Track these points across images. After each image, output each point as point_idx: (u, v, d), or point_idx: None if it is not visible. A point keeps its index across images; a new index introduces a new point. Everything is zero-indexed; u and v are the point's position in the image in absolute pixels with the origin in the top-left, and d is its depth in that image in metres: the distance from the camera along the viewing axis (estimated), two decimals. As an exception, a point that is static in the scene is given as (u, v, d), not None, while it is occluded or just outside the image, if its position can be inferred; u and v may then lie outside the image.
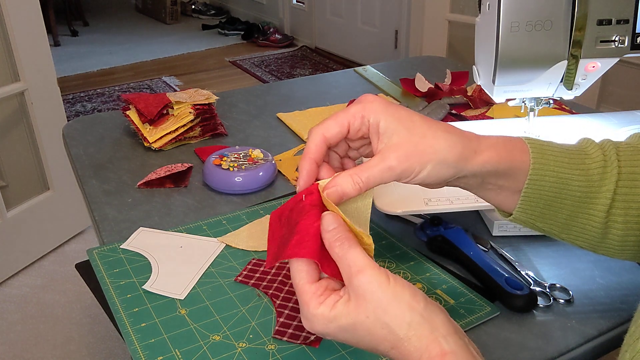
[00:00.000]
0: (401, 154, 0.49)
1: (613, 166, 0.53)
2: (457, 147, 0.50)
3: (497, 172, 0.52)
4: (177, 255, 0.71)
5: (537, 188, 0.53)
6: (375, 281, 0.44)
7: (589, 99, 2.31)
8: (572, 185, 0.53)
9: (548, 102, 0.83)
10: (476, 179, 0.53)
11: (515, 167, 0.52)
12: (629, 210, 0.53)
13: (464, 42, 2.86)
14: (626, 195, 0.53)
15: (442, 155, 0.49)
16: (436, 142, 0.50)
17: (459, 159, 0.50)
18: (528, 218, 0.55)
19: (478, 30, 0.80)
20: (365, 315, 0.44)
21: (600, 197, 0.53)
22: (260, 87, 1.35)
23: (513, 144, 0.53)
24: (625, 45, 0.72)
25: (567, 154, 0.54)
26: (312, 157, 0.51)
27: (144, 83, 3.73)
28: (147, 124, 1.01)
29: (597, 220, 0.53)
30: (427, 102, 1.16)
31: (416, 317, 0.44)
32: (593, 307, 0.63)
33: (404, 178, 0.50)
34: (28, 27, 1.80)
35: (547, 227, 0.55)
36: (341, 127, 0.51)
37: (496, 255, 0.71)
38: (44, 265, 2.01)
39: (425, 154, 0.49)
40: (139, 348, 0.57)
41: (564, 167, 0.53)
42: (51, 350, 1.66)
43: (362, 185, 0.49)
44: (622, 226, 0.53)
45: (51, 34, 4.23)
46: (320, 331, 0.46)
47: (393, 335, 0.44)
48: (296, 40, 4.51)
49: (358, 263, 0.45)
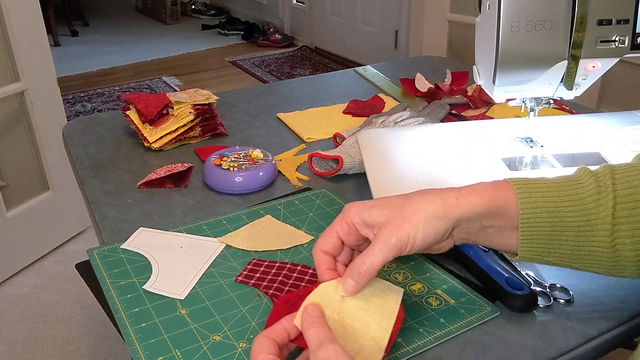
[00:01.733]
0: (391, 227, 0.52)
1: (608, 191, 0.54)
2: (437, 200, 0.53)
3: (489, 213, 0.54)
4: (177, 255, 0.71)
5: (532, 225, 0.54)
6: (337, 355, 0.45)
7: (589, 99, 2.31)
8: (568, 216, 0.54)
9: (548, 102, 0.83)
10: (473, 224, 0.55)
11: (503, 205, 0.54)
12: (635, 231, 0.53)
13: (464, 42, 2.86)
14: (629, 217, 0.53)
15: (427, 212, 0.52)
16: (417, 204, 0.53)
17: (444, 208, 0.53)
18: (533, 255, 0.56)
19: (478, 30, 0.80)
20: None
21: (600, 223, 0.53)
22: (260, 87, 1.35)
23: (494, 185, 0.55)
24: (625, 45, 0.72)
25: (557, 187, 0.55)
26: (324, 267, 0.55)
27: (144, 83, 3.73)
28: (147, 124, 1.01)
29: (602, 246, 0.54)
30: (427, 102, 1.16)
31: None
32: (593, 307, 0.63)
33: (404, 247, 0.52)
34: (28, 27, 1.80)
35: (556, 260, 0.56)
36: (333, 239, 0.55)
37: (496, 255, 0.71)
38: (44, 265, 2.01)
39: (411, 217, 0.52)
40: (139, 348, 0.57)
41: (554, 201, 0.54)
42: (51, 350, 1.66)
43: (364, 276, 0.52)
44: (632, 247, 0.53)
45: (51, 34, 4.23)
46: None
47: None
48: (296, 40, 4.51)
49: (325, 338, 0.47)
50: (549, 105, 0.84)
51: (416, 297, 0.63)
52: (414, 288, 0.65)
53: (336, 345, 0.46)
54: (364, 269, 0.52)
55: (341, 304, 0.53)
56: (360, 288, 0.53)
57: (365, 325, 0.52)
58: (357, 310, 0.53)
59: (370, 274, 0.52)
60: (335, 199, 0.83)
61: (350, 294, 0.53)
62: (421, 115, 1.06)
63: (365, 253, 0.52)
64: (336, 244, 0.56)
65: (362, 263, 0.52)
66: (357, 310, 0.53)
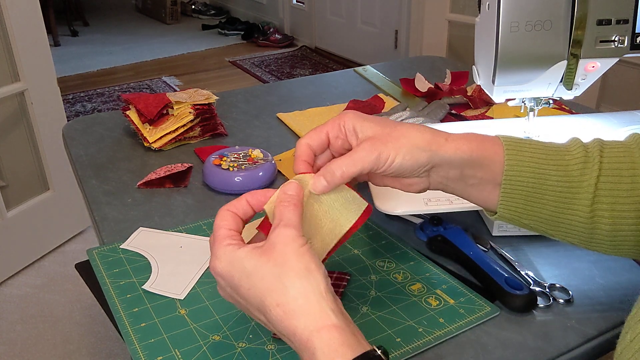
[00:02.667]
0: (376, 142, 0.53)
1: (594, 162, 0.54)
2: (427, 134, 0.54)
3: (473, 162, 0.54)
4: (177, 255, 0.71)
5: (515, 182, 0.54)
6: (290, 237, 0.48)
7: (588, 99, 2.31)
8: (551, 179, 0.54)
9: (548, 102, 0.83)
10: (454, 170, 0.54)
11: (489, 157, 0.54)
12: (615, 206, 0.53)
13: (464, 42, 2.86)
14: (611, 191, 0.53)
15: (414, 140, 0.53)
16: (407, 131, 0.54)
17: (431, 142, 0.53)
18: (512, 215, 0.55)
19: (478, 30, 0.80)
20: (266, 261, 0.47)
21: (582, 192, 0.54)
22: (260, 87, 1.35)
23: (484, 137, 0.55)
24: (625, 45, 0.72)
25: (545, 150, 0.55)
26: (303, 159, 0.55)
27: (144, 83, 3.73)
28: (147, 124, 1.01)
29: (581, 215, 0.54)
30: (427, 102, 1.16)
31: (310, 283, 0.46)
32: (593, 307, 0.63)
33: (381, 164, 0.52)
34: (28, 27, 1.80)
35: (533, 224, 0.56)
36: (322, 136, 0.56)
37: (496, 255, 0.71)
38: (44, 265, 2.01)
39: (398, 139, 0.52)
40: (139, 348, 0.57)
41: (540, 163, 0.54)
42: (51, 350, 1.66)
43: (337, 179, 0.53)
44: (610, 221, 0.54)
45: (51, 34, 4.23)
46: (221, 270, 0.49)
47: (282, 290, 0.46)
48: (296, 40, 4.51)
49: (287, 220, 0.49)
50: (549, 105, 0.84)
51: (416, 297, 0.63)
52: (413, 288, 0.65)
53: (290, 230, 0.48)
54: (339, 172, 0.52)
55: (306, 199, 0.54)
56: (329, 189, 0.53)
57: (319, 226, 0.54)
58: (317, 210, 0.54)
59: (343, 179, 0.53)
60: (335, 199, 0.83)
61: (318, 192, 0.53)
62: (421, 115, 1.06)
63: (344, 158, 0.53)
64: (322, 142, 0.56)
65: (339, 167, 0.52)
66: (317, 211, 0.54)
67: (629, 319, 0.45)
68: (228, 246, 0.49)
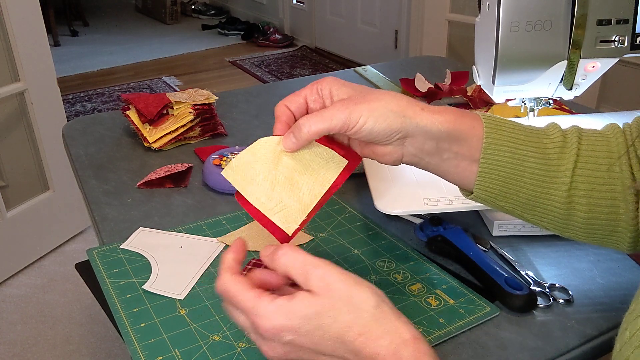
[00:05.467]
0: (349, 102, 0.52)
1: (572, 147, 0.54)
2: (403, 101, 0.53)
3: (449, 134, 0.53)
4: (177, 255, 0.71)
5: (493, 161, 0.53)
6: (335, 271, 0.46)
7: (589, 99, 2.31)
8: (529, 161, 0.53)
9: (548, 102, 0.83)
10: (430, 142, 0.53)
11: (466, 131, 0.53)
12: (592, 192, 0.53)
13: (464, 42, 2.86)
14: (588, 177, 0.53)
15: (388, 105, 0.52)
16: (382, 96, 0.53)
17: (406, 109, 0.52)
18: (489, 196, 0.55)
19: (478, 30, 0.80)
20: (329, 301, 0.44)
21: (560, 177, 0.53)
22: (260, 87, 1.35)
23: (463, 111, 0.55)
24: (625, 45, 0.72)
25: (524, 131, 0.55)
26: (282, 119, 0.55)
27: (144, 83, 3.73)
28: (147, 124, 1.01)
29: (558, 200, 0.54)
30: (427, 102, 1.16)
31: (381, 301, 0.45)
32: (593, 307, 0.63)
33: (352, 125, 0.51)
34: (28, 27, 1.80)
35: (509, 206, 0.56)
36: (300, 99, 0.55)
37: (496, 255, 0.71)
38: (44, 265, 2.01)
39: (372, 102, 0.52)
40: (139, 348, 0.57)
41: (519, 143, 0.54)
42: (51, 350, 1.66)
43: (305, 135, 0.52)
44: (586, 208, 0.54)
45: (51, 34, 4.23)
46: (281, 325, 0.44)
47: (360, 319, 0.44)
48: (296, 40, 4.51)
49: (312, 261, 0.46)
50: (549, 105, 0.84)
51: (416, 297, 0.63)
52: (413, 288, 0.65)
53: (327, 267, 0.46)
54: (307, 129, 0.52)
55: (279, 160, 0.54)
56: (299, 147, 0.53)
57: (296, 187, 0.53)
58: (292, 170, 0.54)
59: (311, 135, 0.52)
60: (334, 199, 0.83)
61: (288, 149, 0.53)
62: (421, 115, 1.05)
63: (314, 115, 0.52)
64: (300, 105, 0.55)
65: (307, 123, 0.52)
66: (291, 171, 0.53)
67: (627, 315, 0.45)
68: (272, 301, 0.45)
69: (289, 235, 0.52)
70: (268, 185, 0.53)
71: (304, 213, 0.53)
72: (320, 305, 0.44)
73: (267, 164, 0.54)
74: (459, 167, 0.55)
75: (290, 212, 0.52)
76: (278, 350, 0.46)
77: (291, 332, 0.44)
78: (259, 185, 0.53)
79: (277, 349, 0.46)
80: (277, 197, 0.53)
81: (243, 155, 0.55)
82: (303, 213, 0.53)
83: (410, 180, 0.78)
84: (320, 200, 0.53)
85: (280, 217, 0.53)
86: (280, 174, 0.53)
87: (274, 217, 0.52)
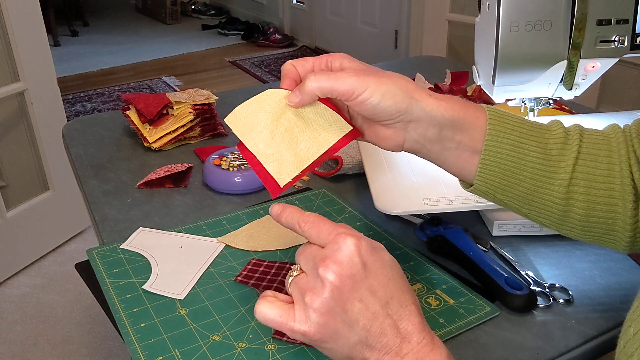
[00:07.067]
0: (360, 72, 0.52)
1: (574, 144, 0.54)
2: (411, 84, 0.53)
3: (453, 123, 0.53)
4: (177, 255, 0.71)
5: (495, 153, 0.53)
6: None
7: (588, 99, 2.31)
8: (530, 155, 0.54)
9: (548, 102, 0.83)
10: (433, 129, 0.53)
11: (470, 121, 0.53)
12: (591, 190, 0.54)
13: (464, 42, 2.86)
14: (587, 174, 0.54)
15: (397, 83, 0.52)
16: (392, 75, 0.53)
17: (414, 91, 0.53)
18: (488, 189, 0.55)
19: (478, 30, 0.80)
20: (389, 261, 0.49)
21: (559, 172, 0.54)
22: (260, 87, 1.35)
23: (468, 102, 0.55)
24: (624, 45, 0.72)
25: (527, 126, 0.55)
26: (290, 76, 0.55)
27: (144, 83, 3.73)
28: (147, 124, 1.01)
29: (557, 196, 0.54)
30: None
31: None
32: (593, 307, 0.63)
33: (358, 93, 0.51)
34: (28, 27, 1.80)
35: (507, 200, 0.56)
36: (308, 64, 0.55)
37: (496, 255, 0.71)
38: (44, 265, 2.01)
39: (381, 77, 0.52)
40: (139, 348, 0.57)
41: (521, 137, 0.54)
42: (51, 350, 1.66)
43: (309, 90, 0.52)
44: (584, 205, 0.54)
45: (51, 34, 4.23)
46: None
47: (411, 293, 0.48)
48: (296, 40, 4.51)
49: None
50: (549, 105, 0.84)
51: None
52: (413, 288, 0.65)
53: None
54: (311, 84, 0.52)
55: (282, 114, 0.54)
56: (302, 102, 0.53)
57: (294, 141, 0.54)
58: (293, 125, 0.54)
59: (314, 91, 0.52)
60: (334, 199, 0.83)
61: (292, 104, 0.53)
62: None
63: (322, 74, 0.52)
64: (307, 70, 0.55)
65: (313, 78, 0.52)
66: (293, 125, 0.54)
67: (631, 312, 0.45)
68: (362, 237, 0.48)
69: (281, 187, 0.53)
70: (268, 133, 0.54)
71: (298, 168, 0.53)
72: (385, 260, 0.49)
73: (271, 114, 0.54)
74: (460, 157, 0.55)
75: (284, 164, 0.53)
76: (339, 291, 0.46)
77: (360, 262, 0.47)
78: (259, 133, 0.54)
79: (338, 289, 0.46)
80: (274, 146, 0.53)
81: (248, 103, 0.55)
82: (297, 168, 0.53)
83: (410, 181, 0.78)
84: (316, 159, 0.54)
85: (275, 167, 0.54)
86: (282, 126, 0.54)
87: (269, 165, 0.54)
